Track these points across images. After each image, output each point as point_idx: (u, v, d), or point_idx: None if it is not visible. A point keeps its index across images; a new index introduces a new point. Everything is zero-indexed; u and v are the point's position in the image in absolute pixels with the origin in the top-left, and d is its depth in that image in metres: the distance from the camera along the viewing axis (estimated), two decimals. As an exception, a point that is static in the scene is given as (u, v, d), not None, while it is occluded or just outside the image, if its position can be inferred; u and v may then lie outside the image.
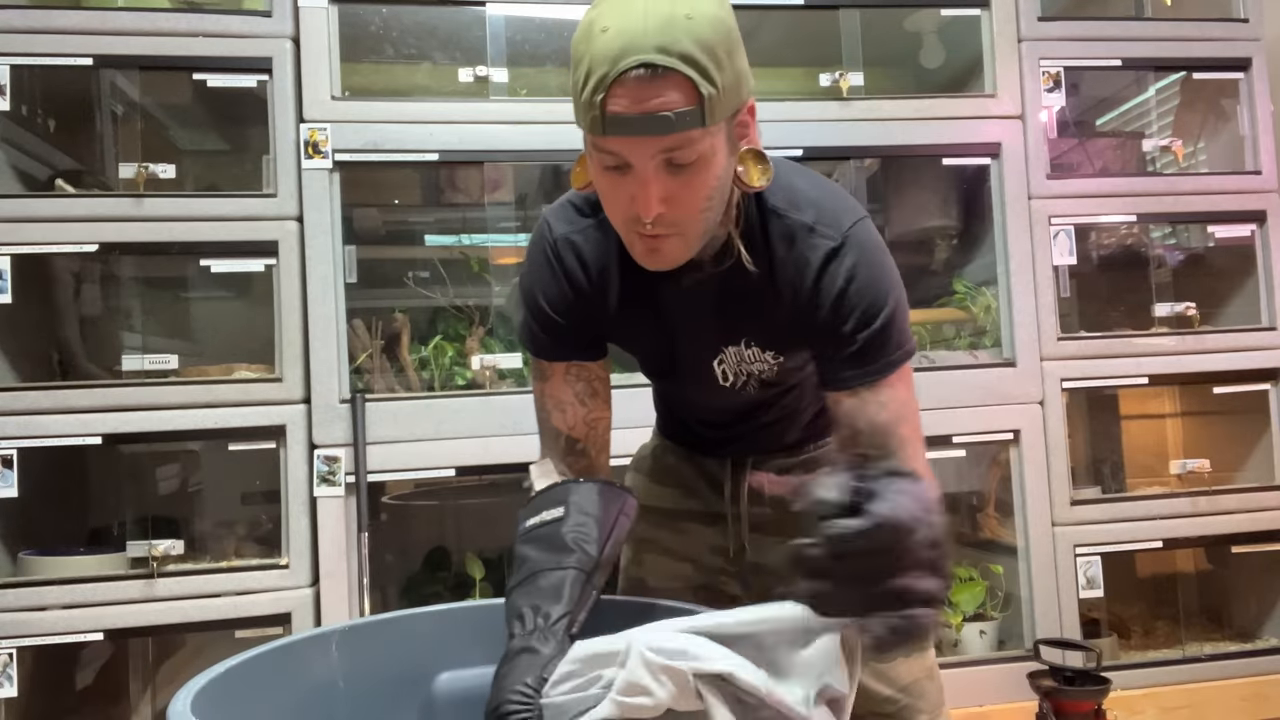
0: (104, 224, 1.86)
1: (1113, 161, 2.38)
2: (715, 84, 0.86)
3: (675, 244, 0.95)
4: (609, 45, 0.86)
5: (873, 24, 2.23)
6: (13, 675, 1.74)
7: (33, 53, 1.86)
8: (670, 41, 0.85)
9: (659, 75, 0.85)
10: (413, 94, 2.20)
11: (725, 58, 0.88)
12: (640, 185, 0.90)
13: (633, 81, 0.85)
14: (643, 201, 0.90)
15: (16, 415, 1.80)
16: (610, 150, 0.90)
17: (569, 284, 1.09)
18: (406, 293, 2.20)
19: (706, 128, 0.87)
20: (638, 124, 0.86)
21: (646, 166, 0.89)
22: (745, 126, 0.95)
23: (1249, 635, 2.28)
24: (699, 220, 0.94)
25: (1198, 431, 2.47)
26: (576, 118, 0.93)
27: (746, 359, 1.10)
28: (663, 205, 0.90)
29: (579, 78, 0.89)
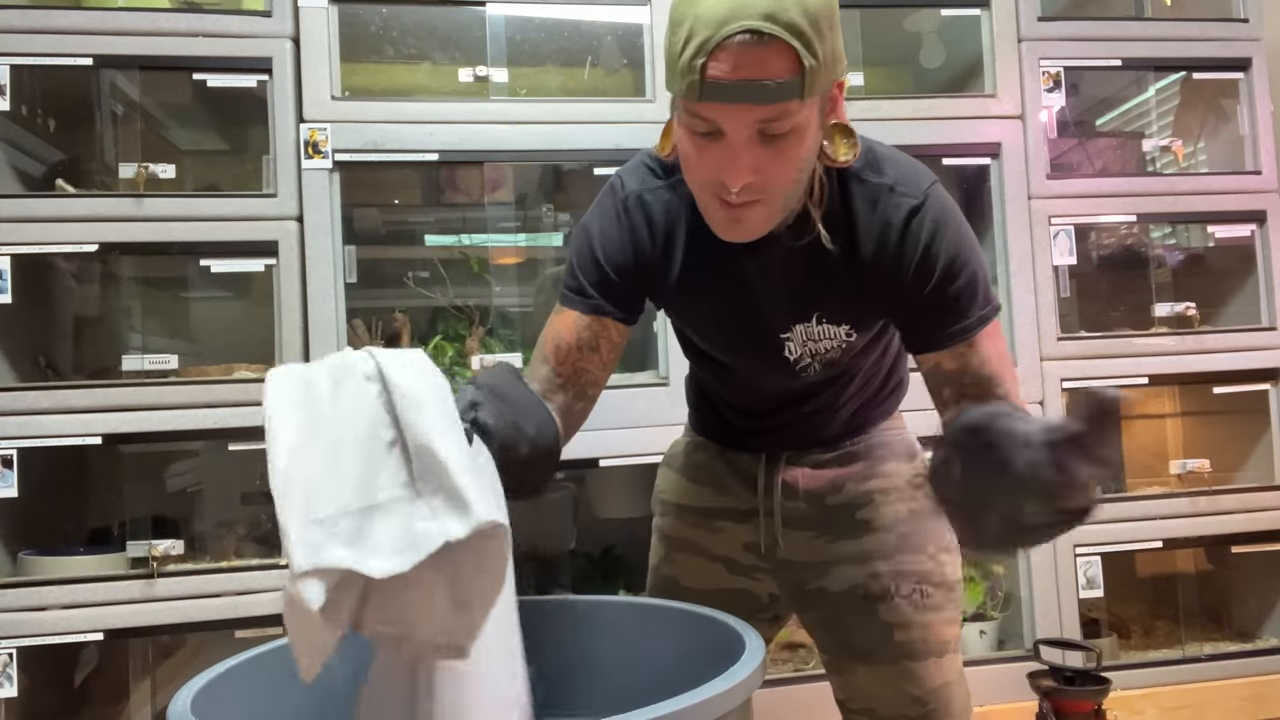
0: (104, 224, 1.86)
1: (1113, 161, 2.38)
2: (817, 56, 0.85)
3: (758, 214, 0.94)
4: (715, 8, 0.84)
5: (873, 24, 2.23)
6: (13, 675, 1.74)
7: (33, 53, 1.86)
8: (778, 9, 0.83)
9: (764, 42, 0.83)
10: (413, 94, 2.20)
11: (828, 31, 0.86)
12: (731, 153, 0.88)
13: (736, 46, 0.83)
14: (732, 170, 0.89)
15: (16, 415, 1.80)
16: (705, 116, 0.88)
17: (631, 241, 1.07)
18: (406, 293, 2.20)
19: (804, 100, 0.86)
20: (738, 91, 0.84)
21: (740, 135, 0.87)
22: (835, 101, 0.94)
23: (1249, 635, 2.28)
24: (784, 192, 0.93)
25: (1198, 431, 2.47)
26: (669, 81, 0.92)
27: (815, 335, 1.09)
28: (752, 174, 0.89)
29: (678, 39, 0.87)
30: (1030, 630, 2.06)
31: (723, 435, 1.29)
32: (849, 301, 1.06)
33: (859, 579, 1.19)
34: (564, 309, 1.09)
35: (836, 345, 1.10)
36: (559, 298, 1.11)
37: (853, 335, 1.09)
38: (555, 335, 1.08)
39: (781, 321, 1.09)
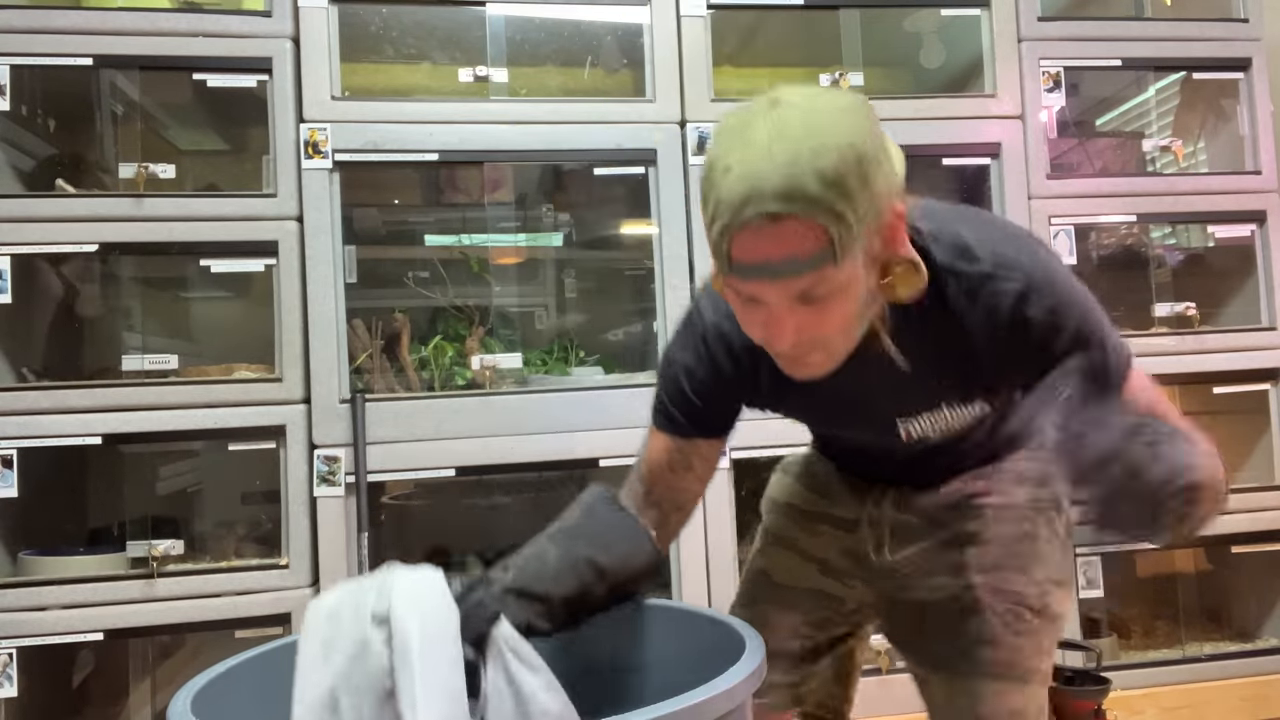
0: (104, 224, 1.86)
1: (1113, 161, 2.38)
2: (846, 220, 0.82)
3: (818, 359, 0.93)
4: (732, 189, 0.83)
5: (873, 24, 2.24)
6: (13, 675, 1.74)
7: (33, 53, 1.86)
8: (793, 186, 0.80)
9: (783, 221, 0.81)
10: (413, 94, 2.20)
11: (858, 185, 0.82)
12: (773, 319, 0.88)
13: (755, 230, 0.82)
14: (776, 335, 0.89)
15: (16, 415, 1.80)
16: (741, 289, 0.88)
17: (713, 372, 1.08)
18: (406, 293, 2.20)
19: (839, 265, 0.84)
20: (766, 270, 0.84)
21: (780, 303, 0.87)
22: (893, 231, 0.89)
23: (1249, 635, 2.28)
24: (840, 340, 0.92)
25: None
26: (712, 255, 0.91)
27: (947, 418, 1.08)
28: (797, 335, 0.88)
29: (707, 216, 0.88)
30: (1030, 630, 2.06)
31: (841, 466, 1.30)
32: (975, 386, 1.05)
33: (955, 589, 1.17)
34: (657, 431, 1.12)
35: (968, 421, 1.09)
36: (652, 418, 1.13)
37: (986, 409, 1.08)
38: (649, 456, 1.12)
39: (899, 410, 1.08)
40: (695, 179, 2.02)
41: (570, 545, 1.01)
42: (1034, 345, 0.97)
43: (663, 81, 2.04)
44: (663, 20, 2.05)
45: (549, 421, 1.95)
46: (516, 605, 0.96)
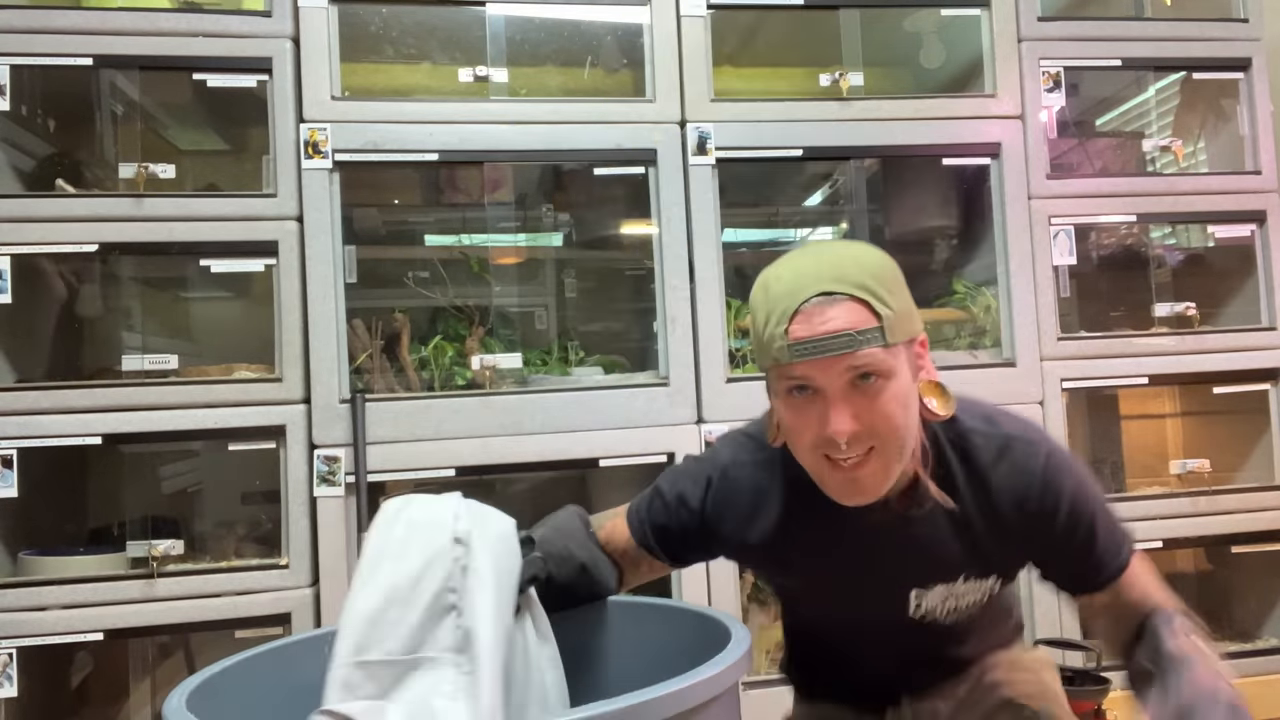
0: (104, 224, 1.86)
1: (1113, 161, 2.38)
2: (891, 306, 0.92)
3: (874, 468, 0.95)
4: (786, 286, 0.94)
5: (873, 24, 2.24)
6: (13, 675, 1.74)
7: (33, 53, 1.85)
8: (843, 274, 0.92)
9: (837, 300, 0.91)
10: (413, 94, 2.20)
11: (896, 287, 0.95)
12: (830, 406, 0.93)
13: (813, 308, 0.91)
14: (834, 420, 0.92)
15: (16, 415, 1.80)
16: (798, 375, 0.93)
17: (701, 509, 1.11)
18: (406, 293, 2.20)
19: (889, 346, 0.92)
20: (824, 345, 0.91)
21: (835, 386, 0.92)
22: (920, 358, 1.00)
23: (1249, 635, 2.28)
24: (895, 438, 0.94)
25: (1198, 431, 2.47)
26: (761, 360, 0.98)
27: (959, 593, 1.09)
28: (855, 422, 0.92)
29: (761, 320, 0.95)
30: (1030, 630, 2.06)
31: (836, 691, 1.24)
32: (996, 554, 1.07)
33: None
34: (626, 522, 1.16)
35: (981, 596, 1.11)
36: (628, 509, 1.17)
37: (999, 583, 1.11)
38: (616, 529, 1.15)
39: (921, 579, 1.09)
40: (695, 179, 2.02)
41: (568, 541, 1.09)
42: (1057, 516, 1.03)
43: (663, 81, 2.04)
44: (663, 20, 2.05)
45: (549, 421, 1.95)
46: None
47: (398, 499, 0.92)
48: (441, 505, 0.91)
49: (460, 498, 0.93)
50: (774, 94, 2.23)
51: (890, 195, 2.40)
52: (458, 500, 0.93)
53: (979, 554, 1.06)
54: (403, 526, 0.88)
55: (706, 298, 2.01)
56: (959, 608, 1.10)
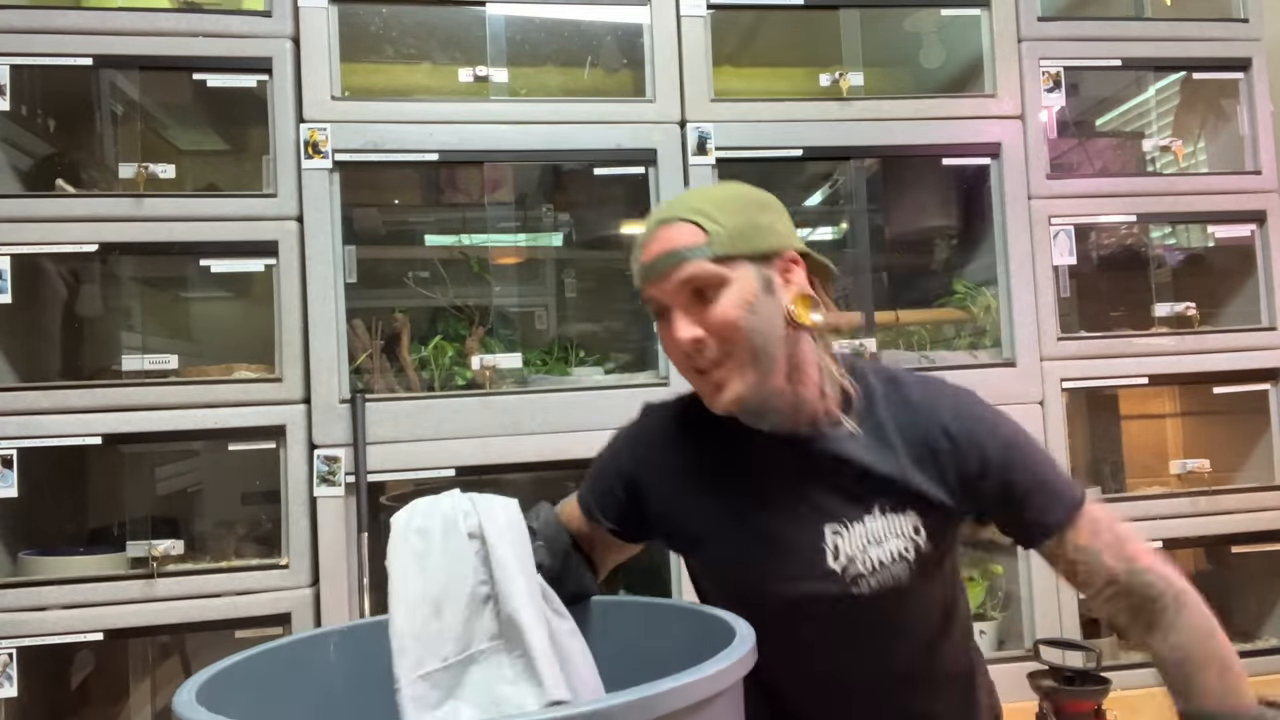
0: (104, 224, 1.86)
1: (1113, 161, 2.38)
2: (721, 224, 0.99)
3: (731, 377, 1.01)
4: (645, 224, 1.05)
5: (873, 24, 2.24)
6: (13, 675, 1.74)
7: (33, 53, 1.86)
8: (682, 204, 1.02)
9: (671, 225, 1.01)
10: (413, 94, 2.20)
11: (738, 210, 1.01)
12: (676, 319, 1.01)
13: (652, 235, 1.02)
14: (677, 328, 1.00)
15: (16, 415, 1.80)
16: (650, 298, 1.03)
17: (627, 458, 1.15)
18: (406, 293, 2.20)
19: (718, 257, 0.98)
20: (656, 266, 1.00)
21: (675, 301, 1.01)
22: (787, 272, 1.04)
23: (1249, 635, 2.28)
24: (742, 343, 0.99)
25: (1198, 431, 2.47)
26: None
27: (878, 536, 1.05)
28: (697, 329, 0.99)
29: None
30: (1030, 630, 2.06)
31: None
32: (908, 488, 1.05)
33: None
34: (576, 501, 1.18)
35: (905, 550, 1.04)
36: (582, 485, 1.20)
37: (924, 538, 1.05)
38: (571, 511, 1.17)
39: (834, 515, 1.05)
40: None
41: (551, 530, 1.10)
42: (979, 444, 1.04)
43: (663, 81, 2.04)
44: (663, 20, 2.05)
45: (549, 421, 1.95)
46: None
47: (402, 512, 0.96)
48: (447, 506, 0.94)
49: (459, 494, 0.96)
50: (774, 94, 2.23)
51: (890, 195, 2.40)
52: (459, 497, 0.96)
53: (894, 483, 1.04)
54: (416, 538, 0.92)
55: (706, 298, 2.00)
56: (884, 564, 1.03)
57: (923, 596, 1.09)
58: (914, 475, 1.05)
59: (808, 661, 1.09)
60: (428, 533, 0.92)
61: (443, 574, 0.88)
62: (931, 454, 1.05)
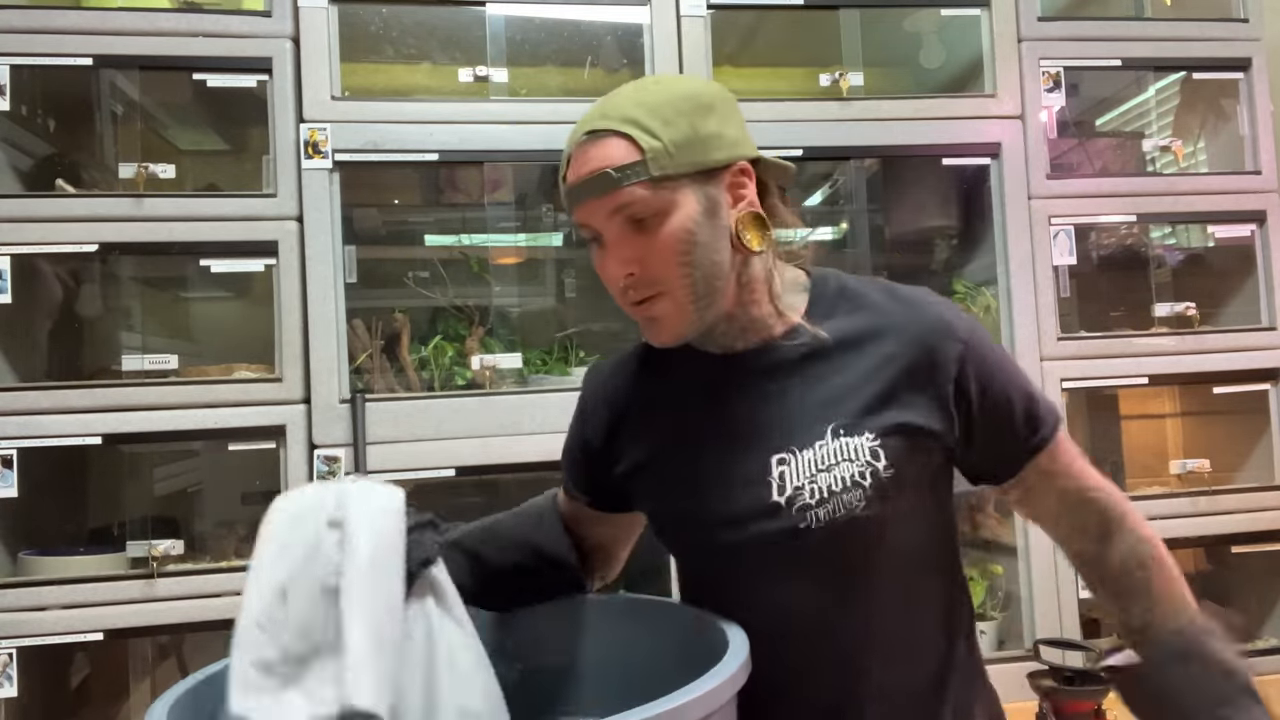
0: (104, 224, 1.86)
1: (1113, 161, 2.38)
2: (659, 138, 0.87)
3: (666, 309, 0.91)
4: (572, 133, 0.91)
5: (873, 24, 2.23)
6: (13, 675, 1.74)
7: (33, 52, 1.85)
8: (612, 109, 0.89)
9: (600, 138, 0.87)
10: (413, 94, 2.20)
11: (678, 117, 0.88)
12: (608, 249, 0.91)
13: (578, 151, 0.89)
14: (608, 265, 0.90)
15: (16, 415, 1.80)
16: (580, 223, 0.91)
17: (582, 415, 1.11)
18: (406, 293, 2.20)
19: (655, 180, 0.86)
20: (583, 187, 0.88)
21: (610, 230, 0.89)
22: (739, 188, 0.93)
23: (1249, 635, 2.28)
24: (680, 279, 0.89)
25: (1198, 431, 2.47)
26: None
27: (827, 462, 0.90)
28: (632, 265, 0.89)
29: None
30: (1030, 630, 2.06)
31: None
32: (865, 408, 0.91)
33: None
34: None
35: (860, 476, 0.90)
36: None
37: (879, 459, 0.90)
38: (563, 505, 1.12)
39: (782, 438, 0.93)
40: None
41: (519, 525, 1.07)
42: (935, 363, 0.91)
43: (663, 81, 2.04)
44: (663, 20, 2.05)
45: (549, 421, 1.95)
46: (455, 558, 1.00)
47: (281, 498, 0.89)
48: (317, 493, 0.87)
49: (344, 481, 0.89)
50: (774, 94, 2.23)
51: (890, 195, 2.40)
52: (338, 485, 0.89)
53: (849, 403, 0.92)
54: (282, 523, 0.85)
55: (706, 298, 2.00)
56: (833, 491, 0.89)
57: (889, 542, 0.92)
58: (887, 383, 0.91)
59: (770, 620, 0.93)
60: (292, 518, 0.85)
61: (296, 562, 0.82)
62: (928, 353, 0.91)
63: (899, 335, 0.93)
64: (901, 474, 0.91)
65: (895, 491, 0.90)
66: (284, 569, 0.81)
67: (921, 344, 0.92)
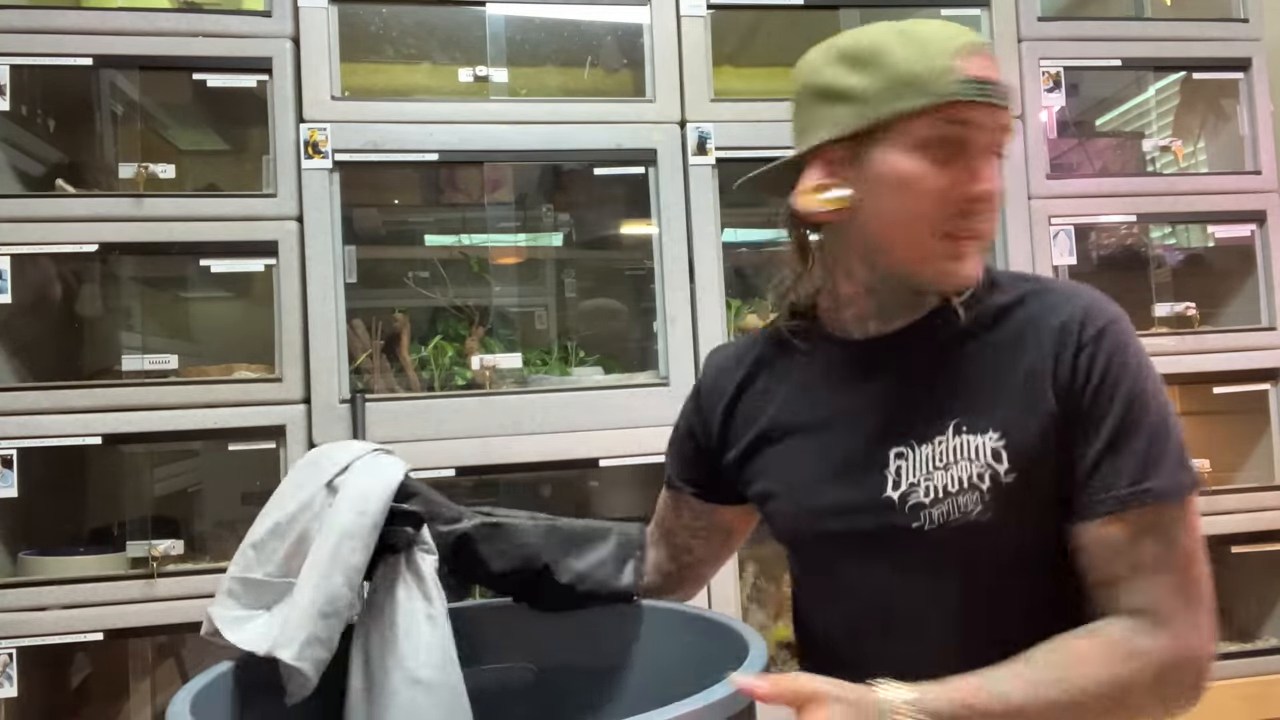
0: (104, 224, 1.85)
1: (1112, 161, 2.38)
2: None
3: (977, 251, 0.88)
4: (941, 31, 0.86)
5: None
6: (13, 675, 1.74)
7: (33, 52, 1.85)
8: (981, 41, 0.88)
9: (993, 56, 0.87)
10: (413, 94, 2.20)
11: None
12: (983, 161, 0.87)
13: (982, 54, 0.85)
14: (984, 176, 0.86)
15: (16, 415, 1.80)
16: (962, 120, 0.85)
17: (697, 401, 1.08)
18: (406, 293, 2.20)
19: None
20: (997, 90, 0.85)
21: (985, 145, 0.87)
22: None
23: (1249, 635, 2.28)
24: (996, 222, 0.90)
25: (1198, 431, 2.47)
26: (899, 101, 0.85)
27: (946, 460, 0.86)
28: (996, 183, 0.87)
29: (909, 55, 0.85)
30: (1030, 630, 2.06)
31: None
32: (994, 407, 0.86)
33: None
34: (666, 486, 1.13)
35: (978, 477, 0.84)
36: None
37: (1001, 462, 0.84)
38: (659, 509, 1.13)
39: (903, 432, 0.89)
40: (695, 179, 2.02)
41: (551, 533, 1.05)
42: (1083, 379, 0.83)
43: (662, 81, 2.04)
44: (663, 20, 2.05)
45: (549, 421, 1.95)
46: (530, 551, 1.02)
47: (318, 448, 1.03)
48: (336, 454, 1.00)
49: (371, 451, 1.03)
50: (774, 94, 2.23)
51: (890, 195, 2.39)
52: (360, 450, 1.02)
53: (978, 398, 0.87)
54: (301, 470, 0.98)
55: (706, 298, 2.01)
56: (949, 492, 0.85)
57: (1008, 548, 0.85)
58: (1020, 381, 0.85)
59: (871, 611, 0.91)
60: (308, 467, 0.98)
61: (294, 507, 0.93)
62: (1058, 349, 0.85)
63: (1038, 332, 0.87)
64: (1026, 479, 0.84)
65: (1018, 497, 0.84)
66: (284, 509, 0.93)
67: (1056, 341, 0.86)
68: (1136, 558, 0.79)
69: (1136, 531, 0.80)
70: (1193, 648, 0.78)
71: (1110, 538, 0.81)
